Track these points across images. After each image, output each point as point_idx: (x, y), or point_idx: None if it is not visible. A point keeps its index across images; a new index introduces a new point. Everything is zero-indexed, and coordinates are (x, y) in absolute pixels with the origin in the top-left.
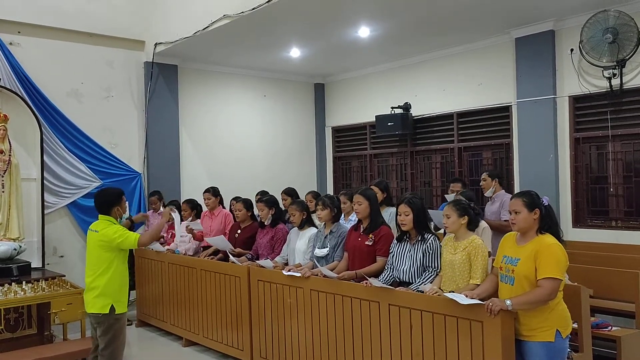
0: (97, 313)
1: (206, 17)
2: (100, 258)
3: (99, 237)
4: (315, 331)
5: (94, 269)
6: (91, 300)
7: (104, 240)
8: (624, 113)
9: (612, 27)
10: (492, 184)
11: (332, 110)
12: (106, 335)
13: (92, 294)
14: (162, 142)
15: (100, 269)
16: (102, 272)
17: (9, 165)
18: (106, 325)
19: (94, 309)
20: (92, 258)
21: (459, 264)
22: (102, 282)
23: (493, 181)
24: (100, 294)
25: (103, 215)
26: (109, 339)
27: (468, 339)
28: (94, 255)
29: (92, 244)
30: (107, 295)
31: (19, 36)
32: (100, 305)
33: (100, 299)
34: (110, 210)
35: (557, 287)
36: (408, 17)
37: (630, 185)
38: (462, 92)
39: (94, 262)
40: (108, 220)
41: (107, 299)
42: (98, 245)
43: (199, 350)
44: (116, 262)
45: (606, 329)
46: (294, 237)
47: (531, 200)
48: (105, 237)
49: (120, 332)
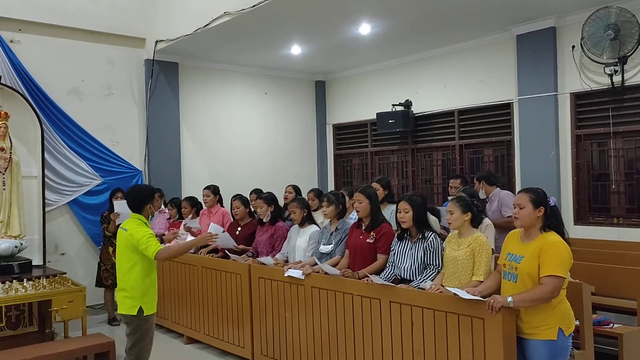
0: (125, 314)
1: (207, 14)
2: (128, 257)
3: (127, 237)
4: (316, 328)
5: (121, 268)
6: (120, 300)
7: (130, 241)
8: (626, 110)
9: (613, 23)
10: (481, 187)
11: (333, 108)
12: (134, 335)
13: (121, 294)
14: (162, 140)
15: (126, 268)
16: (127, 270)
17: (10, 163)
18: (134, 325)
19: (123, 309)
20: (120, 257)
21: (463, 260)
22: (129, 282)
23: (480, 184)
24: (129, 295)
25: (135, 213)
26: (136, 339)
27: (469, 336)
28: (122, 254)
29: (121, 243)
30: (134, 297)
31: (20, 34)
32: (129, 306)
33: (128, 300)
34: (142, 209)
35: (559, 285)
36: (409, 14)
37: (632, 182)
38: (463, 89)
39: (122, 261)
40: (138, 219)
41: (134, 300)
42: (125, 244)
43: (200, 347)
44: (143, 263)
45: (608, 326)
46: (295, 235)
47: (538, 197)
48: (132, 238)
49: (148, 333)
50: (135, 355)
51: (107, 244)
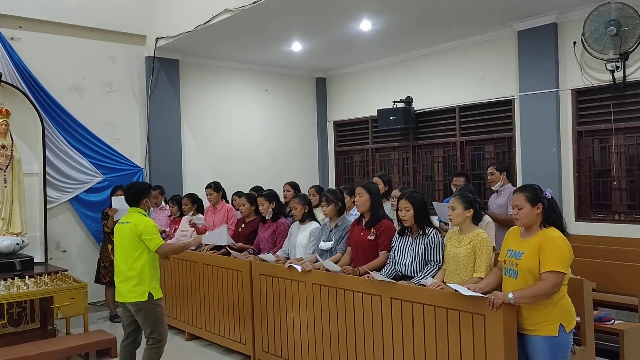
0: (136, 301)
1: (207, 11)
2: (134, 246)
3: (131, 227)
4: (317, 325)
5: (127, 258)
6: (129, 290)
7: (134, 231)
8: (627, 106)
9: (615, 19)
10: (501, 178)
11: (334, 105)
12: (149, 319)
13: (129, 283)
14: (163, 137)
15: (133, 257)
16: (135, 259)
17: (11, 160)
18: (146, 310)
19: (133, 297)
20: (124, 249)
21: (464, 257)
22: (136, 269)
23: (501, 175)
24: (138, 282)
25: (133, 207)
26: (153, 322)
27: (470, 332)
28: (126, 245)
29: (124, 235)
30: (143, 283)
31: (20, 31)
32: (139, 293)
33: (138, 288)
34: (139, 203)
35: (560, 281)
36: (410, 11)
37: (633, 179)
38: (464, 86)
39: (127, 251)
40: (138, 212)
41: (143, 286)
42: (130, 235)
43: (201, 344)
44: (148, 250)
45: (609, 322)
46: (295, 231)
47: (534, 194)
48: (136, 229)
49: (162, 314)
50: (158, 338)
51: (106, 241)
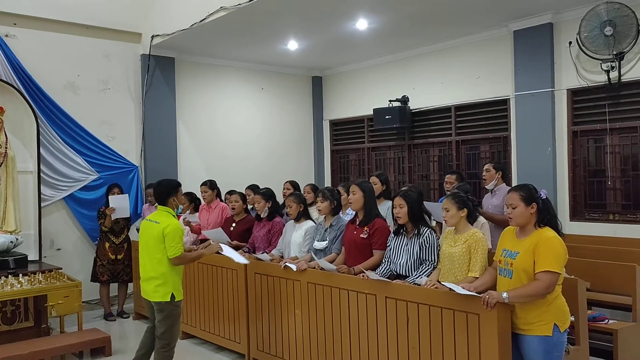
0: (159, 301)
1: (203, 9)
2: (159, 247)
3: (159, 230)
4: (312, 323)
5: (152, 258)
6: (153, 289)
7: (160, 233)
8: (622, 106)
9: (610, 19)
10: (496, 176)
11: (330, 104)
12: (167, 320)
13: (153, 282)
14: (159, 135)
15: (157, 258)
16: (159, 260)
17: (5, 158)
18: (167, 312)
19: (156, 297)
20: (149, 248)
21: (459, 256)
22: (162, 270)
23: (497, 173)
24: (162, 283)
25: (161, 206)
26: (169, 324)
27: (464, 331)
28: (150, 244)
29: (150, 235)
30: (167, 284)
31: (15, 28)
32: (162, 294)
33: (162, 288)
34: (167, 201)
35: (554, 281)
36: (406, 10)
37: (628, 179)
38: (460, 85)
39: (152, 251)
40: (167, 212)
41: (167, 287)
42: (157, 236)
43: (196, 343)
44: None
45: (603, 322)
46: (290, 230)
47: (528, 194)
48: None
49: (179, 317)
50: (168, 340)
51: (103, 240)
